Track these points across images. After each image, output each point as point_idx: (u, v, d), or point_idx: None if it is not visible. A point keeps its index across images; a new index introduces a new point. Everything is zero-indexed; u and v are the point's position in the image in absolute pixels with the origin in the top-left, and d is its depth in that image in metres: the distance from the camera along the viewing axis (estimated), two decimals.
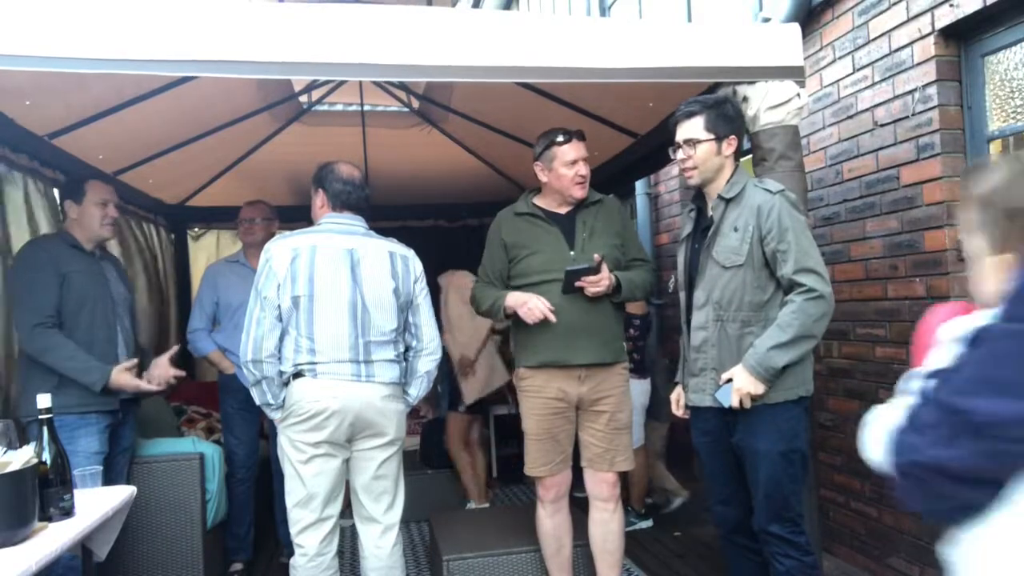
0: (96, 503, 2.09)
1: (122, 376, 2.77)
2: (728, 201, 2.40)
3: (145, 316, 4.56)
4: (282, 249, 2.59)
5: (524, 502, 4.63)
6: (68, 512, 1.97)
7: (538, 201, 2.91)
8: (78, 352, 2.71)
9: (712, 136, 2.38)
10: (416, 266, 2.81)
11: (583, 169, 2.78)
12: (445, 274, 4.48)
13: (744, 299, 2.36)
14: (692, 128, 2.40)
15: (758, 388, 2.29)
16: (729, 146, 2.41)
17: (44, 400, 2.03)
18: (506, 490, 5.12)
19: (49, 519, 1.91)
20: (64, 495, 1.97)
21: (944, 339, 1.22)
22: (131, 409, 3.00)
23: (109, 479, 2.71)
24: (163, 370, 2.96)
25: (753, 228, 2.33)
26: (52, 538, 1.80)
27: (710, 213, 2.46)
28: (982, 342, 1.06)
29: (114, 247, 4.13)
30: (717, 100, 2.44)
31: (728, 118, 2.41)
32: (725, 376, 2.36)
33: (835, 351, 3.51)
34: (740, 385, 2.30)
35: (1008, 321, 1.05)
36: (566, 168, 2.76)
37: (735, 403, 2.31)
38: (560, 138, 2.79)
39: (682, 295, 2.58)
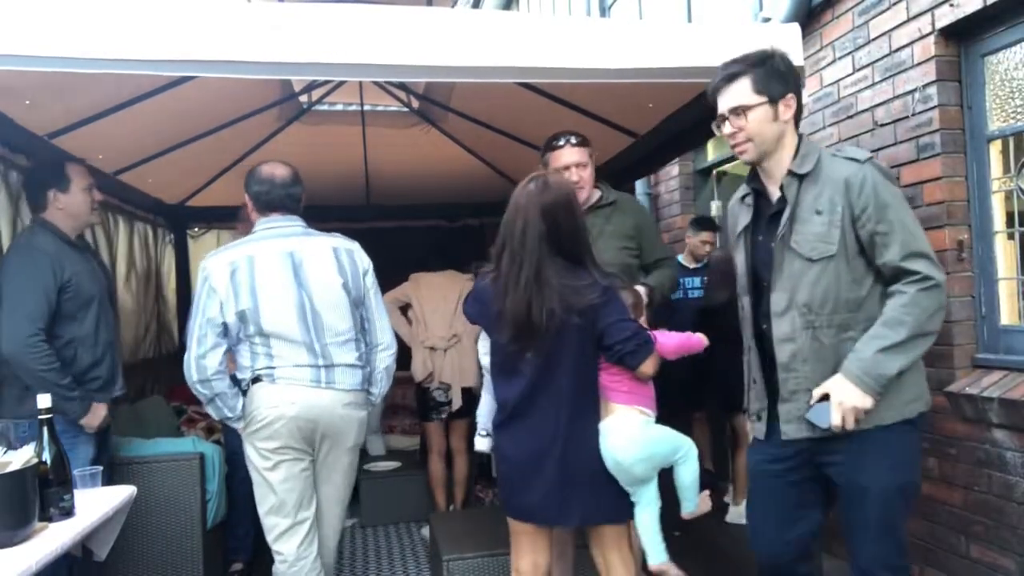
0: (96, 503, 2.09)
1: (99, 412, 2.70)
2: (802, 177, 2.01)
3: (145, 317, 4.56)
4: (219, 264, 2.51)
5: None
6: (68, 512, 1.97)
7: None
8: (66, 375, 2.60)
9: (764, 98, 2.01)
10: (363, 259, 2.71)
11: (574, 175, 2.75)
12: (415, 275, 4.38)
13: (840, 297, 1.95)
14: (738, 93, 2.03)
15: (866, 402, 1.88)
16: (787, 108, 2.03)
17: (44, 400, 2.02)
18: None
19: (49, 519, 1.91)
20: (64, 495, 1.97)
21: None
22: (113, 415, 2.93)
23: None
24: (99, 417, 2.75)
25: (843, 208, 1.93)
26: (52, 538, 1.80)
27: (778, 194, 2.06)
28: None
29: (117, 247, 4.13)
30: (763, 55, 2.04)
31: (780, 74, 2.03)
32: (819, 391, 1.94)
33: None
34: (843, 399, 1.88)
35: None
36: (557, 174, 2.76)
37: (837, 423, 1.89)
38: (555, 143, 2.79)
39: (745, 301, 2.18)
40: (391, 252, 3.98)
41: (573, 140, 2.79)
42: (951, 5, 2.73)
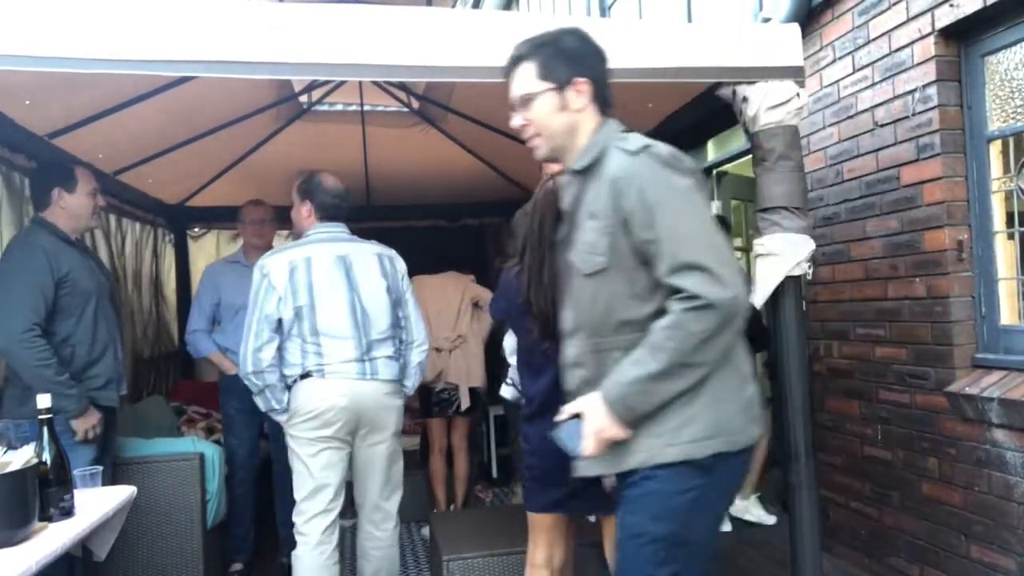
0: (96, 503, 2.09)
1: (92, 416, 2.71)
2: (582, 174, 1.70)
3: (144, 317, 4.56)
4: (279, 263, 2.73)
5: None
6: (68, 512, 1.96)
7: None
8: (63, 371, 2.60)
9: (549, 85, 1.69)
10: (400, 264, 2.99)
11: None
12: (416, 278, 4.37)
13: (621, 317, 1.63)
14: (522, 80, 1.72)
15: (617, 432, 1.59)
16: (578, 94, 1.69)
17: (44, 400, 2.02)
18: (505, 490, 5.12)
19: (49, 519, 1.91)
20: (64, 495, 1.97)
21: None
22: (115, 414, 2.96)
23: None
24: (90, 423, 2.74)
25: (612, 211, 1.60)
26: (52, 538, 1.80)
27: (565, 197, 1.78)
28: None
29: (123, 247, 4.13)
30: (551, 35, 1.74)
31: (569, 56, 1.70)
32: (571, 408, 1.65)
33: (835, 351, 3.51)
34: (595, 425, 1.58)
35: None
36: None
37: (586, 450, 1.61)
38: None
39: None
40: None
41: None
42: (951, 5, 2.73)
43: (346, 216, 2.93)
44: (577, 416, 1.64)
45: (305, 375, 2.70)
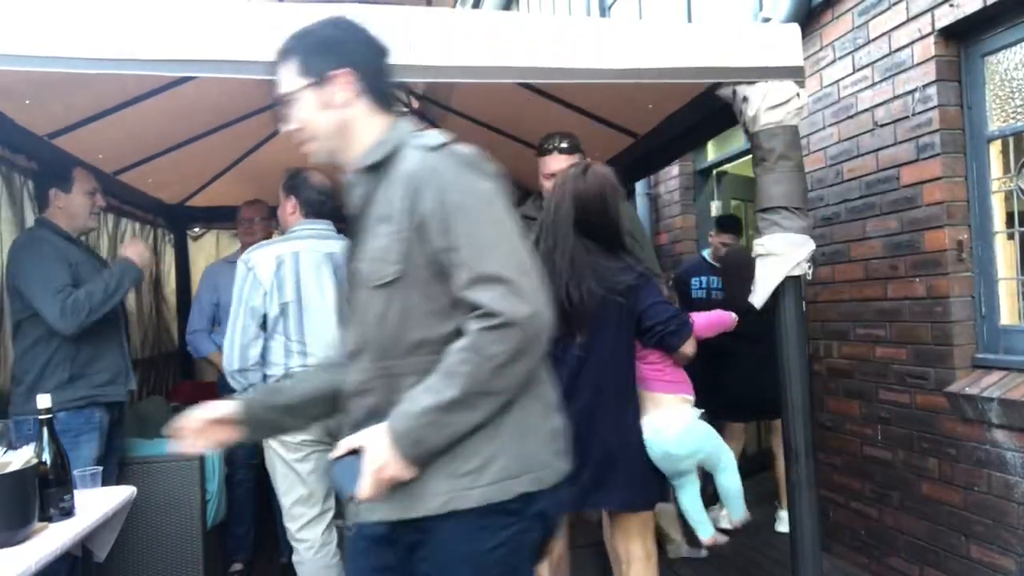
0: (96, 503, 2.10)
1: (134, 247, 2.88)
2: (372, 173, 1.48)
3: (145, 317, 4.56)
4: (265, 257, 2.66)
5: None
6: (68, 512, 1.97)
7: None
8: (101, 281, 2.71)
9: (308, 80, 1.49)
10: None
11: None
12: None
13: (416, 337, 1.40)
14: (285, 78, 1.53)
15: (402, 471, 1.33)
16: (342, 87, 1.48)
17: (44, 400, 2.03)
18: None
19: (49, 519, 1.91)
20: (64, 495, 1.97)
21: None
22: (123, 410, 2.99)
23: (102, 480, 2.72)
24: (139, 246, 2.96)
25: (407, 214, 1.39)
26: (52, 538, 1.80)
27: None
28: None
29: (118, 246, 4.13)
30: (311, 26, 1.55)
31: (327, 46, 1.50)
32: (347, 443, 1.39)
33: (835, 351, 3.51)
34: (376, 463, 1.33)
35: None
36: (545, 179, 2.80)
37: (364, 493, 1.34)
38: (545, 146, 2.84)
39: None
40: None
41: (563, 146, 2.81)
42: (951, 5, 2.73)
43: (331, 214, 2.84)
44: (356, 452, 1.37)
45: (287, 375, 2.62)
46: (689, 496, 2.50)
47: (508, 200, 1.44)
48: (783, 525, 3.98)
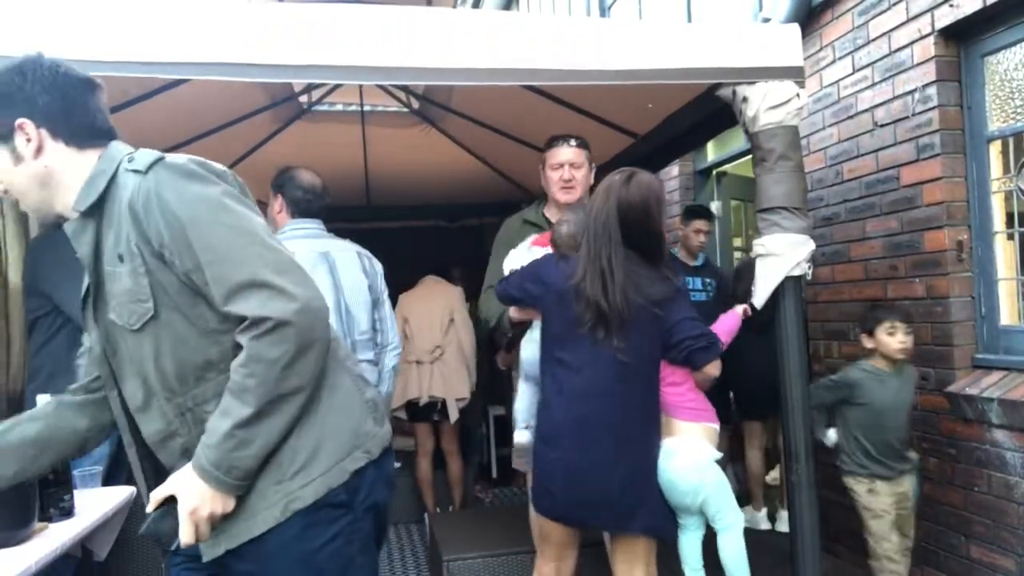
0: (96, 503, 2.10)
1: None
2: (91, 216, 1.39)
3: None
4: None
5: (524, 502, 4.62)
6: (68, 512, 1.97)
7: (547, 210, 2.88)
8: None
9: None
10: (379, 265, 2.89)
11: (567, 173, 2.74)
12: (401, 296, 4.34)
13: (198, 363, 1.36)
14: None
15: (226, 504, 1.31)
16: (27, 139, 1.38)
17: (44, 400, 2.02)
18: (505, 490, 5.12)
19: (49, 519, 1.91)
20: (64, 495, 1.97)
21: None
22: None
23: (114, 479, 2.73)
24: None
25: (140, 244, 1.33)
26: (52, 538, 1.80)
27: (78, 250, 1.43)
28: None
29: None
30: None
31: (3, 97, 1.38)
32: (159, 493, 1.35)
33: (835, 351, 3.51)
34: (192, 504, 1.30)
35: None
36: (552, 170, 2.77)
37: (187, 539, 1.31)
38: (555, 141, 2.80)
39: (112, 395, 1.50)
40: (391, 252, 3.99)
41: (573, 141, 2.80)
42: (951, 5, 2.74)
43: (319, 213, 2.79)
44: (171, 500, 1.32)
45: None
46: (689, 541, 2.41)
47: (243, 197, 1.37)
48: (783, 524, 3.99)
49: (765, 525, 4.13)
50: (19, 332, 2.84)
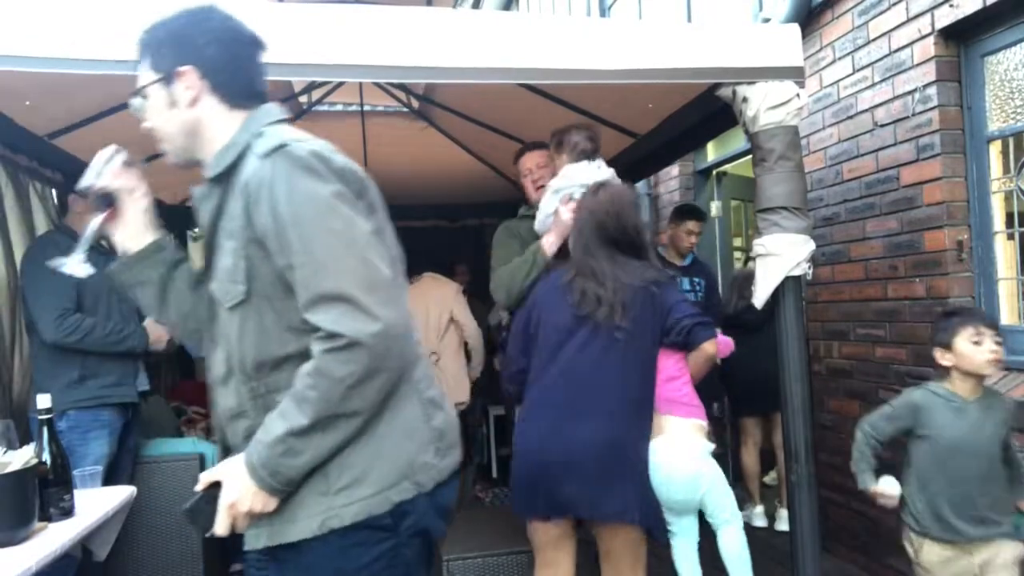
0: (96, 503, 2.10)
1: (156, 328, 2.91)
2: (219, 184, 1.39)
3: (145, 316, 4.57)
4: None
5: None
6: (68, 512, 1.97)
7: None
8: (108, 326, 2.79)
9: (156, 76, 1.40)
10: None
11: (535, 175, 2.89)
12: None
13: (274, 356, 1.34)
14: (141, 72, 1.43)
15: (266, 504, 1.30)
16: (186, 85, 1.37)
17: (44, 400, 2.03)
18: (505, 490, 5.12)
19: (49, 519, 1.91)
20: (64, 495, 1.97)
21: None
22: (137, 409, 3.03)
23: (114, 479, 2.74)
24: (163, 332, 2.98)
25: (247, 228, 1.32)
26: (52, 538, 1.80)
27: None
28: None
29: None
30: (164, 17, 1.42)
31: (174, 40, 1.39)
32: (207, 477, 1.35)
33: (835, 351, 3.51)
34: (233, 497, 1.29)
35: None
36: (524, 178, 2.91)
37: (221, 530, 1.31)
38: (518, 154, 2.97)
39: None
40: None
41: (532, 148, 2.96)
42: (951, 6, 2.74)
43: None
44: (217, 484, 1.32)
45: None
46: (683, 549, 2.38)
47: (356, 200, 1.32)
48: (783, 524, 3.99)
49: (761, 522, 4.15)
50: (20, 332, 2.85)
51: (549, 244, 2.60)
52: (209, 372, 1.46)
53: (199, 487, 1.35)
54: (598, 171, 2.60)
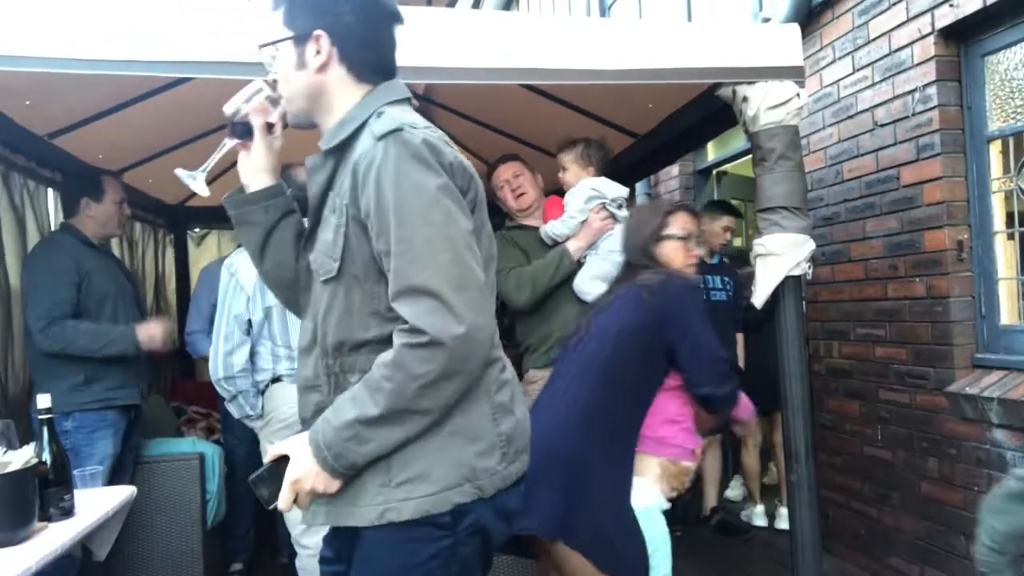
0: (96, 503, 2.09)
1: (146, 330, 2.84)
2: (333, 156, 1.40)
3: (145, 317, 4.56)
4: (247, 261, 2.56)
5: None
6: (68, 512, 1.97)
7: (523, 221, 3.02)
8: (98, 330, 2.73)
9: (288, 33, 1.37)
10: None
11: (513, 185, 2.95)
12: None
13: (356, 337, 1.33)
14: (271, 24, 1.40)
15: (328, 485, 1.29)
16: (318, 51, 1.36)
17: (44, 400, 2.03)
18: None
19: (49, 519, 1.91)
20: (64, 495, 1.97)
21: None
22: (139, 408, 3.03)
23: (118, 478, 2.75)
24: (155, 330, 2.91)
25: (351, 206, 1.31)
26: (52, 538, 1.80)
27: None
28: None
29: (115, 245, 4.13)
30: None
31: (312, 1, 1.37)
32: (274, 450, 1.36)
33: (835, 351, 3.51)
34: (298, 474, 1.29)
35: None
36: (499, 191, 2.97)
37: (284, 505, 1.32)
38: (491, 168, 3.02)
39: None
40: None
41: (502, 159, 3.03)
42: (951, 5, 2.74)
43: None
44: (285, 458, 1.32)
45: (276, 379, 2.59)
46: None
47: (460, 196, 1.30)
48: (783, 522, 3.99)
49: (761, 522, 4.15)
50: (19, 333, 2.85)
51: (577, 249, 2.73)
52: (299, 339, 1.47)
53: (268, 459, 1.35)
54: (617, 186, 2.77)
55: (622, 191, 2.83)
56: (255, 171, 1.51)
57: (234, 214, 1.53)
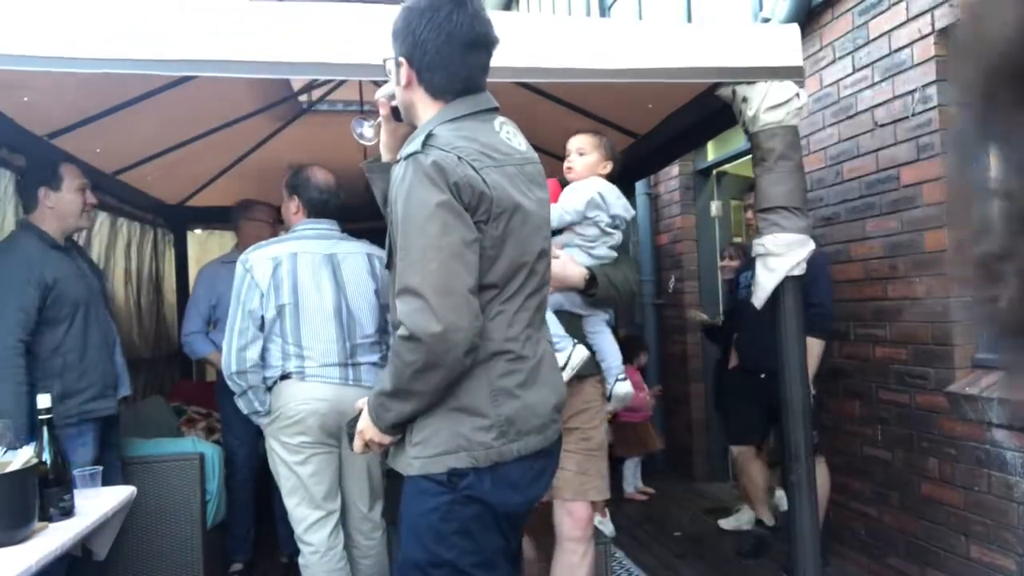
0: (96, 503, 2.10)
1: None
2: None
3: (145, 317, 4.56)
4: (262, 259, 2.62)
5: None
6: (68, 512, 1.97)
7: None
8: (20, 392, 2.40)
9: (392, 55, 1.66)
10: None
11: None
12: None
13: (391, 320, 1.68)
14: (390, 46, 1.68)
15: (380, 437, 1.61)
16: (405, 73, 1.61)
17: (44, 400, 2.03)
18: None
19: (49, 519, 1.91)
20: (64, 495, 1.97)
21: None
22: (116, 419, 2.91)
23: (108, 479, 2.71)
24: None
25: (391, 213, 1.61)
26: (52, 538, 1.80)
27: None
28: None
29: (116, 247, 4.13)
30: (414, 4, 1.61)
31: (396, 32, 1.63)
32: (359, 403, 1.68)
33: (835, 351, 3.51)
34: (364, 424, 1.62)
35: None
36: None
37: (356, 448, 1.68)
38: None
39: None
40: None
41: None
42: (951, 5, 2.73)
43: (335, 212, 2.82)
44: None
45: (285, 376, 2.58)
46: None
47: (463, 210, 1.48)
48: (783, 504, 3.95)
49: (768, 521, 4.13)
50: None
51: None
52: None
53: (357, 407, 1.67)
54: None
55: (628, 212, 2.50)
56: (392, 148, 1.77)
57: (368, 175, 1.85)
